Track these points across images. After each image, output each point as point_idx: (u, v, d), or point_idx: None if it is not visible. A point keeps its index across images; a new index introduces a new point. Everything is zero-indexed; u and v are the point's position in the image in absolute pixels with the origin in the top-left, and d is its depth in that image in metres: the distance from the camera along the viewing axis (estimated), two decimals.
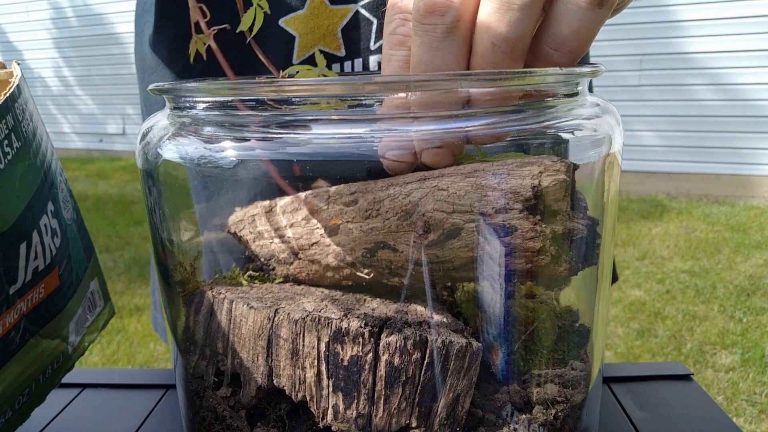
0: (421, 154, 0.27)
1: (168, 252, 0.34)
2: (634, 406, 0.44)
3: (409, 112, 0.26)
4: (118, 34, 4.91)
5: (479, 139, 0.27)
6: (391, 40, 0.29)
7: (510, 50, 0.27)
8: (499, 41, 0.26)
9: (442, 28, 0.26)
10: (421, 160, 0.27)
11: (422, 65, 0.27)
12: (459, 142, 0.27)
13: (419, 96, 0.26)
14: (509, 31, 0.26)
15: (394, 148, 0.27)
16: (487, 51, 0.27)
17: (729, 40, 3.28)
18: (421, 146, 0.27)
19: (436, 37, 0.27)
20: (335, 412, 0.28)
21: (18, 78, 0.34)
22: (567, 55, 0.28)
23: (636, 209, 3.20)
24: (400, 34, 0.29)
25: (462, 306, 0.34)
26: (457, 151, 0.27)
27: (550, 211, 0.27)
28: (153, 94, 0.30)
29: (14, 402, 0.35)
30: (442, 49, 0.27)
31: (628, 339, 1.95)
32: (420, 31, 0.27)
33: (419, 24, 0.27)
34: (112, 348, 2.03)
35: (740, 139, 3.38)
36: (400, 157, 0.27)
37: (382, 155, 0.27)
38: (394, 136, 0.27)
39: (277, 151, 0.28)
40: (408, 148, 0.27)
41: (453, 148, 0.27)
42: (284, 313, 0.30)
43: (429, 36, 0.27)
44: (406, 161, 0.27)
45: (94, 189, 4.13)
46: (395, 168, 0.28)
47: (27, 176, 0.34)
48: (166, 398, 0.47)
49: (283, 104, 0.27)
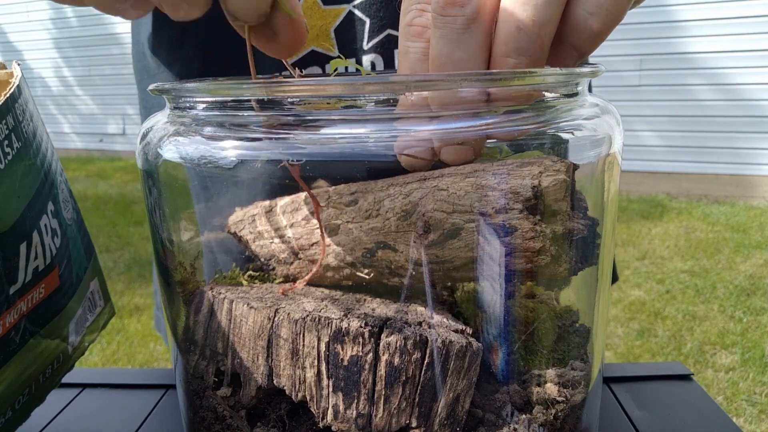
0: (440, 152, 0.27)
1: (168, 252, 0.34)
2: (634, 406, 0.44)
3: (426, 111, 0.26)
4: (118, 34, 4.91)
5: (500, 136, 0.27)
6: (408, 32, 0.28)
7: (536, 34, 0.26)
8: (525, 25, 0.25)
9: (463, 20, 0.26)
10: (441, 158, 0.27)
11: (442, 58, 0.26)
12: (480, 140, 0.27)
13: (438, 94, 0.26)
14: (536, 14, 0.25)
15: (412, 145, 0.27)
16: (512, 36, 0.26)
17: (729, 40, 3.28)
18: (440, 144, 0.26)
19: (457, 29, 0.26)
20: (335, 412, 0.28)
21: (18, 78, 0.34)
22: (603, 19, 0.26)
23: (636, 209, 3.20)
24: (417, 25, 0.28)
25: (462, 306, 0.34)
26: (478, 148, 0.27)
27: (550, 211, 0.27)
28: (153, 94, 0.30)
29: (14, 402, 0.35)
30: (462, 42, 0.26)
31: (628, 339, 1.95)
32: (440, 23, 0.26)
33: (439, 16, 0.26)
34: (112, 348, 2.03)
35: (740, 139, 3.38)
36: (420, 154, 0.26)
37: (399, 153, 0.26)
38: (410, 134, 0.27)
39: (278, 150, 0.28)
40: (426, 145, 0.27)
41: (474, 146, 0.27)
42: (284, 313, 0.30)
43: (449, 28, 0.26)
44: (425, 158, 0.27)
45: (94, 189, 4.13)
46: (414, 165, 0.27)
47: (27, 176, 0.34)
48: (166, 398, 0.47)
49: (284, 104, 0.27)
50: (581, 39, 0.27)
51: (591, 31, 0.27)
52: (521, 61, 0.26)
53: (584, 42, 0.27)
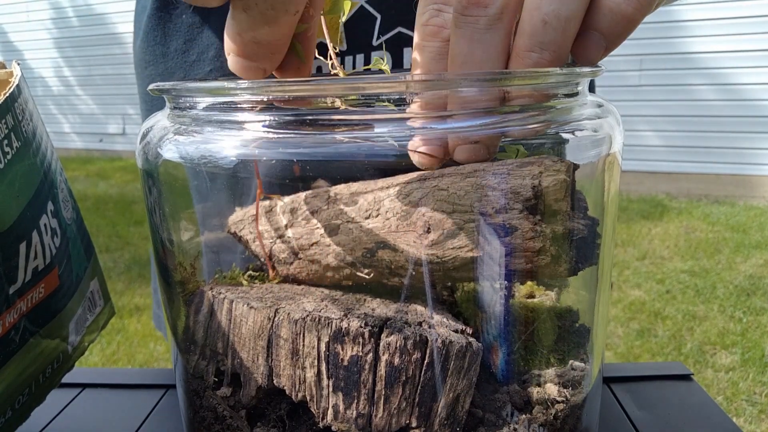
0: (453, 151, 0.26)
1: (168, 252, 0.34)
2: (634, 406, 0.44)
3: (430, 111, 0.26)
4: (118, 34, 4.91)
5: (517, 134, 0.26)
6: (424, 31, 0.28)
7: (562, 29, 0.25)
8: (551, 18, 0.25)
9: (486, 20, 0.25)
10: (454, 157, 0.26)
11: (462, 57, 0.26)
12: (495, 138, 0.26)
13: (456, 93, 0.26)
14: (562, 7, 0.25)
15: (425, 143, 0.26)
16: (537, 29, 0.25)
17: (729, 40, 3.28)
18: (454, 142, 0.26)
19: (479, 30, 0.25)
20: (335, 412, 0.28)
21: (18, 78, 0.34)
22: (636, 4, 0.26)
23: (636, 209, 3.20)
24: (433, 25, 0.28)
25: (462, 306, 0.34)
26: (493, 147, 0.27)
27: (550, 211, 0.27)
28: (153, 94, 0.30)
29: (14, 402, 0.35)
30: (484, 42, 0.26)
31: (628, 339, 1.95)
32: (462, 23, 0.26)
33: (461, 16, 0.26)
34: (112, 348, 2.03)
35: (741, 139, 3.38)
36: (432, 151, 0.26)
37: (413, 150, 0.26)
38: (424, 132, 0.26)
39: (278, 150, 0.28)
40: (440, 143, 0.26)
41: (489, 144, 0.26)
42: (284, 313, 0.30)
43: (471, 28, 0.25)
44: (437, 156, 0.26)
45: (94, 189, 4.12)
46: (426, 163, 0.27)
47: (27, 176, 0.34)
48: (166, 398, 0.47)
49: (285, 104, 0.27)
50: (613, 25, 0.26)
51: (624, 15, 0.26)
52: (544, 56, 0.25)
53: (616, 29, 0.26)
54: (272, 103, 0.27)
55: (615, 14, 0.26)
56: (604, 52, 0.27)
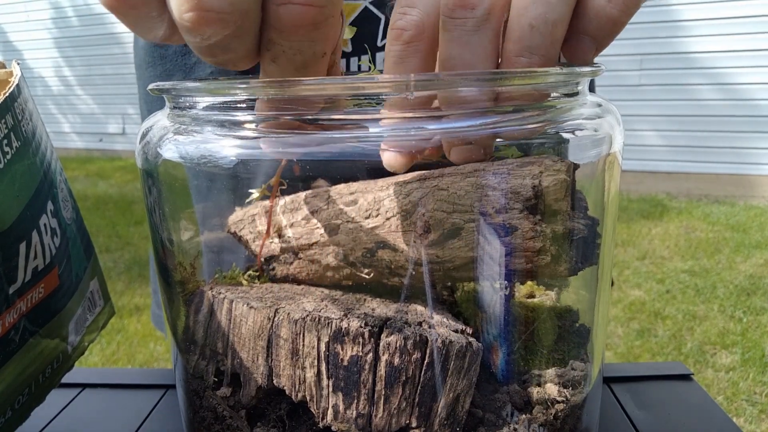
0: (449, 152, 0.26)
1: (168, 252, 0.34)
2: (634, 406, 0.44)
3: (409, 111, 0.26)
4: (118, 33, 4.91)
5: (509, 135, 0.26)
6: (389, 35, 0.28)
7: (549, 33, 0.25)
8: (538, 23, 0.25)
9: (473, 22, 0.25)
10: (450, 158, 0.26)
11: (452, 60, 0.26)
12: (488, 139, 0.26)
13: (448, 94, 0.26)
14: (549, 11, 0.25)
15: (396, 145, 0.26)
16: (525, 34, 0.25)
17: (729, 39, 3.27)
18: (448, 143, 0.26)
19: (467, 31, 0.25)
20: (335, 412, 0.28)
21: (18, 78, 0.34)
22: (621, 6, 0.26)
23: (636, 209, 3.20)
24: (397, 28, 0.27)
25: (462, 306, 0.34)
26: (488, 148, 0.26)
27: (550, 210, 0.27)
28: (153, 93, 0.30)
29: (14, 402, 0.35)
30: (472, 44, 0.26)
31: (628, 339, 1.95)
32: (449, 26, 0.26)
33: (448, 19, 0.26)
34: (112, 348, 2.03)
35: (741, 138, 3.38)
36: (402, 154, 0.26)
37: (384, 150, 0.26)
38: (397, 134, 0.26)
39: (278, 150, 0.28)
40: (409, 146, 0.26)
41: (484, 145, 0.26)
42: (284, 313, 0.30)
43: (459, 30, 0.25)
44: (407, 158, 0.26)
45: (94, 189, 4.12)
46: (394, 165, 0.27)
47: (26, 176, 0.34)
48: (166, 398, 0.47)
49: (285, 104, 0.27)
50: (600, 28, 0.26)
51: (610, 17, 0.26)
52: (533, 60, 0.26)
53: (603, 31, 0.27)
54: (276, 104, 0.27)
55: (601, 17, 0.26)
56: (595, 52, 0.27)
